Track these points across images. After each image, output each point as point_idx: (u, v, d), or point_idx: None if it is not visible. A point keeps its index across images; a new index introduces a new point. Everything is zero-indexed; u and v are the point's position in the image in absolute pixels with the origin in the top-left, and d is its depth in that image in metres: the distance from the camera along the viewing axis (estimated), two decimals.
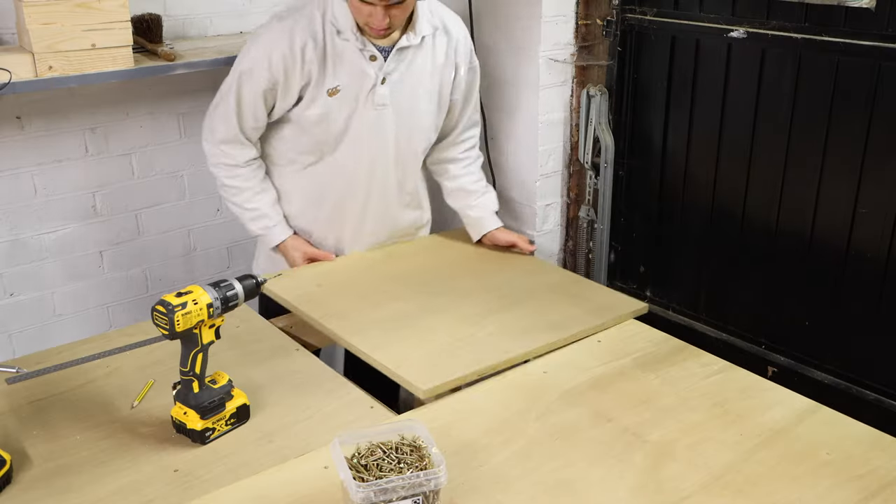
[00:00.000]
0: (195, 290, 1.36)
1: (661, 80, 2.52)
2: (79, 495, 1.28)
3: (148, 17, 2.45)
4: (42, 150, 2.52)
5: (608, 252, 2.81)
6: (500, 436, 1.40)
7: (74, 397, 1.53)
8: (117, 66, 2.22)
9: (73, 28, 2.12)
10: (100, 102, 2.57)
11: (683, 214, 2.59)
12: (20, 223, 2.55)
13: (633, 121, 2.65)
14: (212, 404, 1.39)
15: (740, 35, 2.26)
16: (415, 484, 1.13)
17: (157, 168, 2.75)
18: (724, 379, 1.56)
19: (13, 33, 2.32)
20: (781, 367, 2.40)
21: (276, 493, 1.27)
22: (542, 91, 2.65)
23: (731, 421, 1.43)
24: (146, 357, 1.67)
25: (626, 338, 1.73)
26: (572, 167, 2.83)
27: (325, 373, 1.61)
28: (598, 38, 2.64)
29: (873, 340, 2.20)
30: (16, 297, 2.60)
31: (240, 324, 1.78)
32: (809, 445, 1.36)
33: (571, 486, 1.28)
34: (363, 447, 1.22)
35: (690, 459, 1.33)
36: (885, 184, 2.08)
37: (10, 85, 2.06)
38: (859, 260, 2.17)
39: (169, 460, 1.36)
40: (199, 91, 2.68)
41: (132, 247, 2.78)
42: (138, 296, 2.84)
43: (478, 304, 1.84)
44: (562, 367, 1.61)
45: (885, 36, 1.99)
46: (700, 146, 2.48)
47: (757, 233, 2.39)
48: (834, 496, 1.25)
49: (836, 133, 2.15)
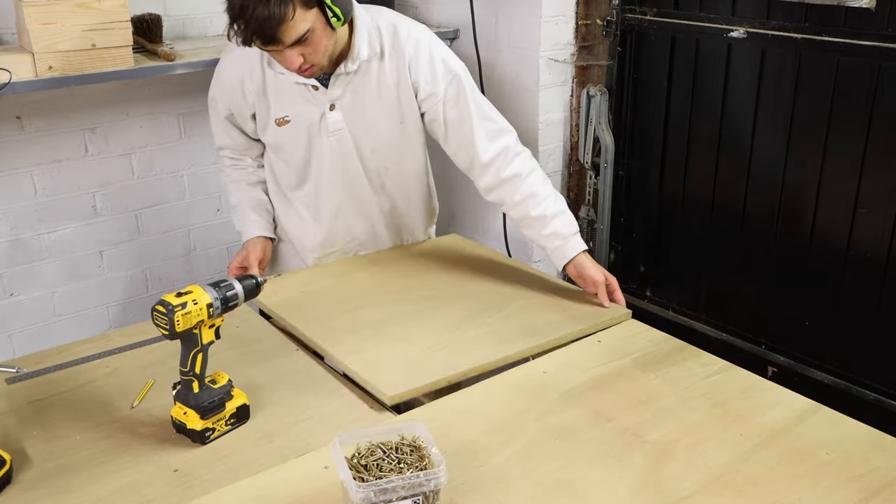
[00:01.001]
0: (195, 290, 1.36)
1: (661, 80, 2.52)
2: (78, 495, 1.28)
3: (148, 17, 2.45)
4: (42, 150, 2.52)
5: (608, 252, 2.81)
6: (500, 436, 1.40)
7: (74, 397, 1.53)
8: (117, 66, 2.22)
9: (73, 28, 2.12)
10: (100, 102, 2.57)
11: (683, 214, 2.59)
12: (20, 223, 2.55)
13: (633, 121, 2.65)
14: (212, 404, 1.39)
15: (740, 35, 2.26)
16: (415, 484, 1.14)
17: (157, 168, 2.75)
18: (724, 379, 1.56)
19: (13, 33, 2.32)
20: (781, 367, 2.40)
21: (276, 493, 1.27)
22: (542, 91, 2.65)
23: (731, 421, 1.43)
24: (146, 357, 1.67)
25: (626, 338, 1.73)
26: (572, 167, 2.83)
27: (325, 373, 1.61)
28: (598, 38, 2.65)
29: (873, 340, 2.20)
30: (16, 297, 2.60)
31: (240, 324, 1.78)
32: (809, 445, 1.36)
33: (571, 486, 1.28)
34: (363, 447, 1.22)
35: (690, 459, 1.33)
36: (885, 184, 2.08)
37: (10, 85, 2.06)
38: (859, 260, 2.17)
39: (169, 460, 1.36)
40: (199, 91, 2.68)
41: (132, 247, 2.78)
42: (138, 296, 2.84)
43: (459, 309, 1.82)
44: (562, 367, 1.61)
45: (885, 36, 1.99)
46: (700, 146, 2.48)
47: (757, 233, 2.39)
48: (834, 496, 1.25)
49: (836, 133, 2.15)
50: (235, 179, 2.16)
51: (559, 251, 1.92)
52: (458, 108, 1.93)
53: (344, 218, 2.10)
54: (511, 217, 2.01)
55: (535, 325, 1.74)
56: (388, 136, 2.00)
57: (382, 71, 1.92)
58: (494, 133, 1.95)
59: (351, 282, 1.98)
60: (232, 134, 2.09)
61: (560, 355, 1.66)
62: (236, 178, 2.15)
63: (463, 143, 1.96)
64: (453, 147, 1.99)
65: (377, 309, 1.83)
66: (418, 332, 1.72)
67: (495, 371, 1.62)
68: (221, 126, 2.08)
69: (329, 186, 2.05)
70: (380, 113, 1.96)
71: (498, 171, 1.94)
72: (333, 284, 1.97)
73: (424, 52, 1.92)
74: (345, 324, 1.76)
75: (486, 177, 1.96)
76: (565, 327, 1.74)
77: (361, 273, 2.03)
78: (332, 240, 2.13)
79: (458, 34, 2.83)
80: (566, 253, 1.91)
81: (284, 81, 1.91)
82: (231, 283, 1.40)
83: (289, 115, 1.96)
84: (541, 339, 1.68)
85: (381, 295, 1.90)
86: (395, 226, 2.18)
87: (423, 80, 1.93)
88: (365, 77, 1.92)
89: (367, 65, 1.90)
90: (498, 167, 1.94)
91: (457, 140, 1.97)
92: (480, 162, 1.95)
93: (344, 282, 1.98)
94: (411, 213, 2.18)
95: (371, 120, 1.97)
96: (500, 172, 1.94)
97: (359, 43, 1.86)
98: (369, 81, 1.92)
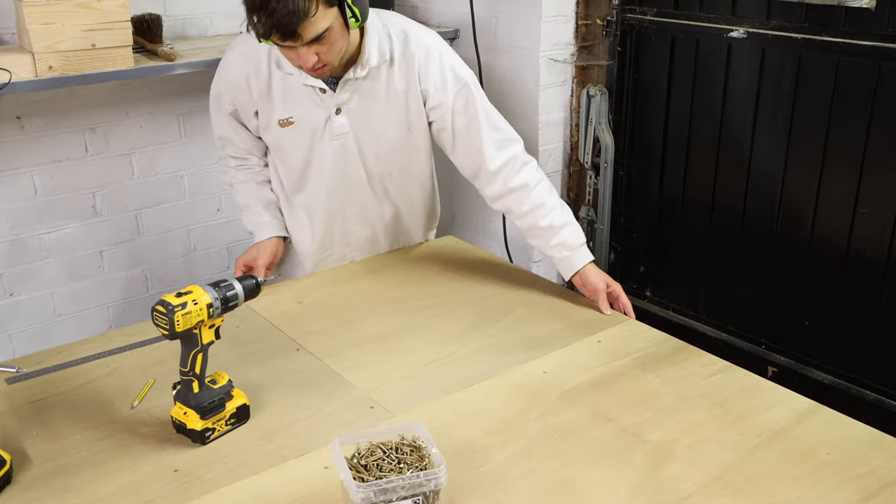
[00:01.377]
0: (195, 291, 1.36)
1: (661, 80, 2.52)
2: (78, 495, 1.28)
3: (148, 17, 2.45)
4: (42, 150, 2.52)
5: (608, 252, 2.81)
6: (500, 436, 1.40)
7: (74, 397, 1.53)
8: (117, 66, 2.22)
9: (73, 28, 2.12)
10: (100, 102, 2.57)
11: (683, 214, 2.59)
12: (20, 223, 2.55)
13: (633, 121, 2.65)
14: (212, 404, 1.39)
15: (740, 35, 2.26)
16: (415, 484, 1.14)
17: (157, 168, 2.75)
18: (724, 379, 1.56)
19: (13, 33, 2.32)
20: (781, 367, 2.40)
21: (276, 493, 1.27)
22: (542, 91, 2.65)
23: (731, 421, 1.43)
24: (146, 357, 1.67)
25: (626, 338, 1.73)
26: (572, 167, 2.83)
27: (326, 373, 1.61)
28: (598, 38, 2.65)
29: (873, 340, 2.20)
30: (16, 297, 2.60)
31: (240, 324, 1.78)
32: (809, 445, 1.36)
33: (571, 486, 1.28)
34: (363, 447, 1.22)
35: (690, 459, 1.33)
36: (885, 184, 2.08)
37: (10, 85, 2.07)
38: (859, 260, 2.17)
39: (169, 460, 1.36)
40: (199, 91, 2.68)
41: (132, 247, 2.78)
42: (138, 296, 2.84)
43: (460, 319, 1.80)
44: (562, 367, 1.61)
45: (885, 36, 1.99)
46: (700, 146, 2.48)
47: (757, 233, 2.39)
48: (834, 496, 1.25)
49: (836, 133, 2.15)
50: (242, 181, 2.12)
51: (567, 262, 1.92)
52: (467, 117, 1.93)
53: (343, 223, 2.09)
54: (517, 226, 2.01)
55: (536, 336, 1.73)
56: (393, 142, 1.99)
57: (392, 77, 1.91)
58: (502, 143, 1.95)
59: (350, 291, 1.96)
60: (237, 130, 2.05)
61: (560, 355, 1.66)
62: (242, 178, 2.12)
63: (470, 153, 1.95)
64: (460, 156, 1.98)
65: (378, 321, 1.81)
66: (420, 346, 1.70)
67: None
68: (226, 122, 2.05)
69: (329, 191, 2.03)
70: (387, 119, 1.95)
71: (506, 181, 1.94)
72: (332, 294, 1.95)
73: (435, 60, 1.91)
74: (345, 337, 1.74)
75: (494, 186, 1.96)
76: (567, 338, 1.73)
77: (360, 281, 2.01)
78: (329, 245, 2.12)
79: (458, 34, 2.83)
80: (574, 264, 1.91)
81: (292, 82, 1.90)
82: (231, 283, 1.40)
83: (293, 117, 1.94)
84: (542, 351, 1.67)
85: (381, 305, 1.88)
86: (396, 231, 2.17)
87: (433, 89, 1.92)
88: (374, 83, 1.90)
89: (377, 71, 1.89)
90: (506, 176, 1.94)
91: (464, 149, 1.96)
92: (488, 171, 1.94)
93: (343, 291, 1.96)
94: (413, 218, 2.17)
95: (377, 125, 1.96)
96: (508, 182, 1.94)
97: (369, 49, 1.85)
98: (378, 87, 1.91)
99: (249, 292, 1.43)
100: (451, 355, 1.67)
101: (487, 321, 1.80)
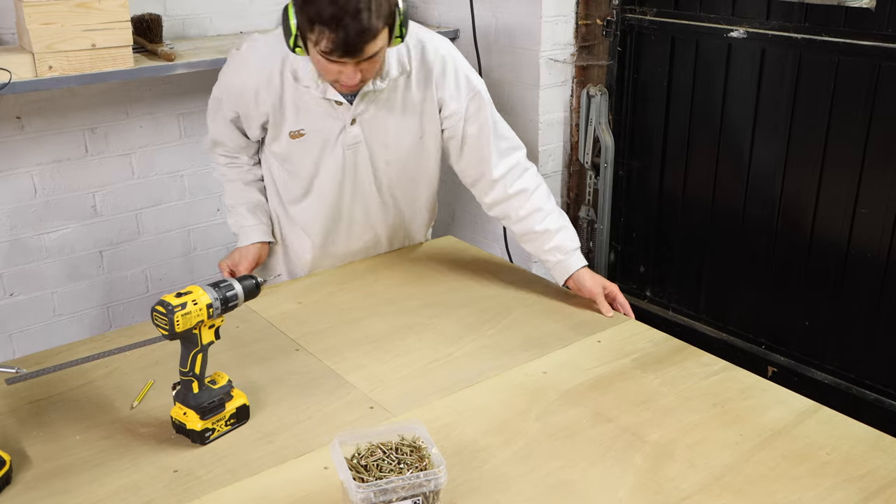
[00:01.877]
0: (195, 291, 1.35)
1: (661, 80, 2.52)
2: (78, 496, 1.28)
3: (148, 17, 2.45)
4: (42, 150, 2.52)
5: (608, 252, 2.81)
6: (500, 436, 1.40)
7: (74, 398, 1.53)
8: (117, 66, 2.22)
9: (73, 28, 2.12)
10: (100, 102, 2.57)
11: (683, 214, 2.59)
12: (20, 223, 2.55)
13: (633, 121, 2.65)
14: (211, 405, 1.39)
15: (740, 35, 2.26)
16: (415, 484, 1.13)
17: (157, 168, 2.75)
18: (724, 379, 1.56)
19: (13, 33, 2.32)
20: (781, 367, 2.40)
21: (276, 494, 1.27)
22: (542, 91, 2.65)
23: (731, 421, 1.43)
24: (146, 357, 1.66)
25: (626, 338, 1.73)
26: (572, 167, 2.83)
27: (325, 373, 1.61)
28: (598, 38, 2.65)
29: (873, 340, 2.20)
30: (16, 297, 2.60)
31: (240, 324, 1.78)
32: (809, 445, 1.36)
33: (571, 486, 1.28)
34: (363, 448, 1.22)
35: (690, 459, 1.33)
36: (885, 184, 2.08)
37: (10, 85, 2.07)
38: (859, 260, 2.17)
39: (168, 461, 1.36)
40: (199, 91, 2.68)
41: (132, 247, 2.78)
42: (138, 296, 2.84)
43: (459, 319, 1.80)
44: (562, 367, 1.61)
45: (885, 36, 1.99)
46: (700, 146, 2.48)
47: (757, 233, 2.39)
48: (834, 496, 1.25)
49: (836, 133, 2.15)
50: (230, 179, 2.11)
51: (561, 265, 1.93)
52: (478, 125, 1.94)
53: (347, 228, 2.09)
54: (513, 231, 2.01)
55: (535, 337, 1.73)
56: (405, 149, 1.99)
57: (409, 88, 1.90)
58: (506, 151, 1.96)
59: (349, 291, 1.96)
60: (233, 135, 2.05)
61: (560, 355, 1.66)
62: (231, 177, 2.11)
63: (476, 160, 1.97)
64: (465, 164, 1.99)
65: (378, 321, 1.80)
66: (420, 347, 1.69)
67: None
68: (224, 126, 2.03)
69: (336, 197, 2.02)
70: (401, 128, 1.95)
71: (506, 187, 1.95)
72: (331, 294, 1.95)
73: (451, 70, 1.92)
74: (345, 337, 1.73)
75: (493, 193, 1.97)
76: (567, 338, 1.73)
77: (359, 281, 2.01)
78: (330, 249, 2.11)
79: (458, 34, 2.83)
80: (568, 267, 1.92)
81: (307, 95, 1.87)
82: (231, 283, 1.40)
83: (304, 129, 1.92)
84: (542, 352, 1.67)
85: (381, 305, 1.88)
86: (398, 233, 2.17)
87: (449, 97, 1.92)
88: (391, 93, 1.89)
89: (394, 81, 1.88)
90: (506, 183, 1.95)
91: (471, 157, 1.97)
92: (490, 178, 1.96)
93: (342, 291, 1.96)
94: (415, 221, 2.18)
95: (391, 134, 1.95)
96: (508, 188, 1.95)
97: (390, 61, 1.84)
98: (395, 97, 1.90)
99: (249, 292, 1.43)
100: (450, 355, 1.66)
101: (487, 321, 1.80)
